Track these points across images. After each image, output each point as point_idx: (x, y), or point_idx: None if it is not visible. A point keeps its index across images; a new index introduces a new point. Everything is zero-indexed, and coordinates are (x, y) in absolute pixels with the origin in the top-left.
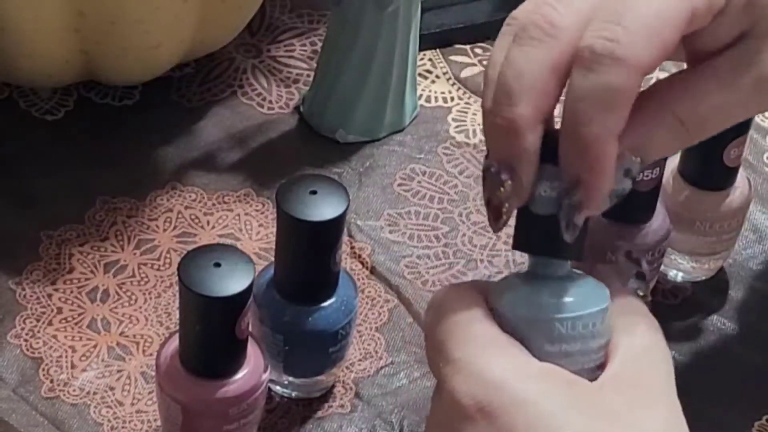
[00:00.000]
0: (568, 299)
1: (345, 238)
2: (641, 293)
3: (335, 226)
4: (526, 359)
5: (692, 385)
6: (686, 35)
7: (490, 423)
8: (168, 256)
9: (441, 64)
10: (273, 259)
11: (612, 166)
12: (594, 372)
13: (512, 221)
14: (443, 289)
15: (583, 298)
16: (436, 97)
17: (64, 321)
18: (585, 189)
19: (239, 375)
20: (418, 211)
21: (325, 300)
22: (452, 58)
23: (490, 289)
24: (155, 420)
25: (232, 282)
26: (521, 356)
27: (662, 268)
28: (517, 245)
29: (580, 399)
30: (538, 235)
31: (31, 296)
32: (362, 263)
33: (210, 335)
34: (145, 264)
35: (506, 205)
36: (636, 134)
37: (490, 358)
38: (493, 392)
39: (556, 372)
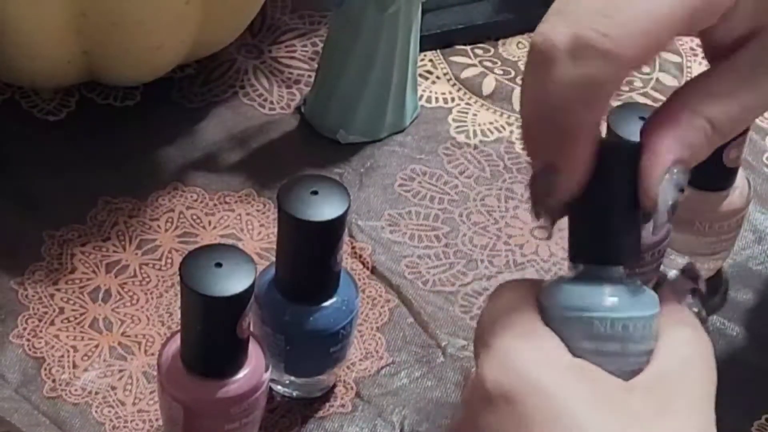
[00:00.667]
0: (612, 299)
1: (346, 238)
2: (696, 310)
3: (336, 226)
4: (559, 352)
5: None
6: (702, 32)
7: (510, 409)
8: (169, 256)
9: (441, 65)
10: (274, 259)
11: (586, 156)
12: (631, 375)
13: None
14: (504, 283)
15: (629, 301)
16: (436, 98)
17: (66, 321)
18: (559, 174)
19: (240, 374)
20: (419, 212)
21: (326, 300)
22: (453, 58)
23: (542, 286)
24: (157, 419)
25: (233, 282)
26: (555, 349)
27: (662, 268)
28: (575, 256)
29: (600, 397)
30: (594, 244)
31: (33, 296)
32: (363, 263)
33: (211, 335)
34: (146, 264)
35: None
36: (682, 147)
37: (521, 346)
38: (515, 379)
39: (584, 368)
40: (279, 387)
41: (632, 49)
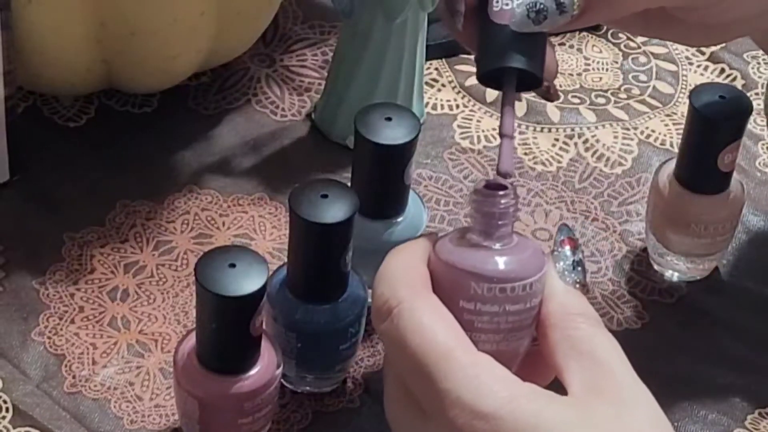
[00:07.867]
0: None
1: None
2: (578, 281)
3: (345, 228)
4: (513, 381)
5: (687, 381)
6: None
7: None
8: (185, 257)
9: (447, 73)
10: (286, 258)
11: None
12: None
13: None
14: (404, 290)
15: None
16: (442, 105)
17: (85, 319)
18: None
19: (254, 371)
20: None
21: (335, 299)
22: (457, 67)
23: (437, 243)
24: (173, 414)
25: (246, 282)
26: (508, 377)
27: (658, 267)
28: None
29: (581, 417)
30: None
31: (54, 295)
32: None
33: (225, 333)
34: (163, 265)
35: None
36: None
37: (482, 388)
38: (495, 424)
39: (544, 393)
40: (290, 383)
41: None
